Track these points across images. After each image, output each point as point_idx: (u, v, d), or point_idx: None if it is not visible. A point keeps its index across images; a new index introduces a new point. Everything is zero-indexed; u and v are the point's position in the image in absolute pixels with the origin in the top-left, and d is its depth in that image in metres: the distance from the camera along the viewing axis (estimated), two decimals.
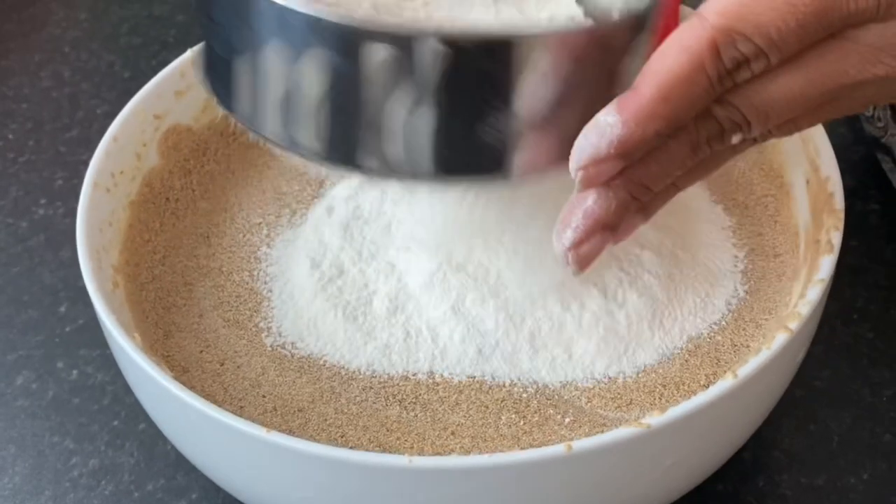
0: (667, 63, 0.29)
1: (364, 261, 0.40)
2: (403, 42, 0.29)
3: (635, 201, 0.32)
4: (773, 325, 0.39)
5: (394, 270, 0.39)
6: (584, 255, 0.32)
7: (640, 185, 0.32)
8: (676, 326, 0.38)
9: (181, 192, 0.44)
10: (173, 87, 0.44)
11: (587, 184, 0.31)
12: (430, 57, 0.29)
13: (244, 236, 0.43)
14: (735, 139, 0.31)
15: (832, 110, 0.31)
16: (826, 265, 0.35)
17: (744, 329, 0.39)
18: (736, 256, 0.42)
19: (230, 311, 0.40)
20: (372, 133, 0.31)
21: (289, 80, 0.30)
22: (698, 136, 0.31)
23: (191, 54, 0.44)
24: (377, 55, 0.29)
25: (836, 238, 0.36)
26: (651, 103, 0.29)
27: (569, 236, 0.32)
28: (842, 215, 0.36)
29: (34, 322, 0.47)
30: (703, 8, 0.29)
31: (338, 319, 0.39)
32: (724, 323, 0.39)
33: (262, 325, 0.40)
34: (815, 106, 0.30)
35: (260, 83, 0.31)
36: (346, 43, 0.29)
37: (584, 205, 0.32)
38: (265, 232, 0.43)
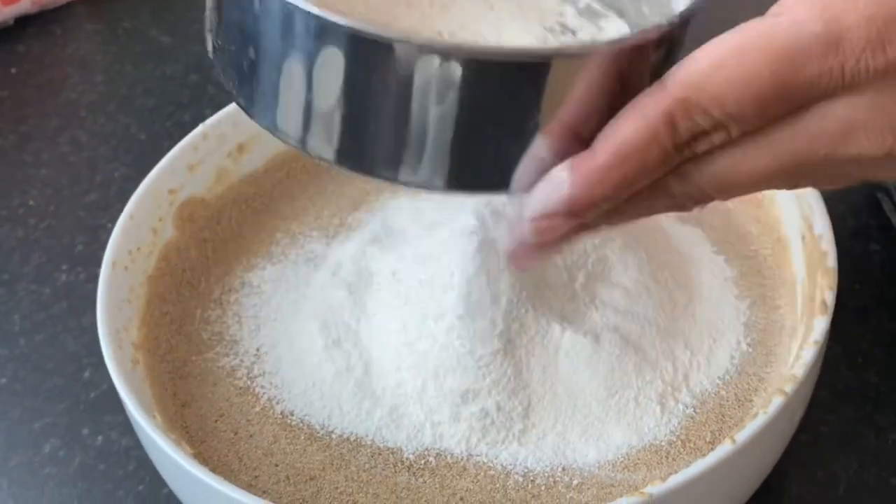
0: (623, 129, 0.28)
1: (370, 320, 0.41)
2: (433, 55, 0.28)
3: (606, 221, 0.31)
4: (774, 379, 0.40)
5: (401, 329, 0.40)
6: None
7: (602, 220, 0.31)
8: (682, 384, 0.39)
9: (196, 262, 0.46)
10: (186, 162, 0.45)
11: (539, 237, 0.30)
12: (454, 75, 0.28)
13: (254, 300, 0.45)
14: (696, 211, 0.31)
15: (813, 182, 0.31)
16: (820, 326, 0.36)
17: (747, 383, 0.40)
18: (738, 308, 0.42)
19: (241, 378, 0.42)
20: (383, 139, 0.30)
21: (305, 81, 0.30)
22: (654, 206, 0.30)
23: (202, 128, 0.46)
24: (400, 67, 0.28)
25: (830, 298, 0.36)
26: (601, 169, 0.29)
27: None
28: (835, 275, 0.37)
29: (59, 389, 0.48)
30: (667, 75, 0.28)
31: (345, 385, 0.40)
32: (727, 377, 0.40)
33: (272, 392, 0.41)
34: (786, 179, 0.29)
35: (276, 81, 0.30)
36: (363, 50, 0.29)
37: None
38: (274, 295, 0.45)
